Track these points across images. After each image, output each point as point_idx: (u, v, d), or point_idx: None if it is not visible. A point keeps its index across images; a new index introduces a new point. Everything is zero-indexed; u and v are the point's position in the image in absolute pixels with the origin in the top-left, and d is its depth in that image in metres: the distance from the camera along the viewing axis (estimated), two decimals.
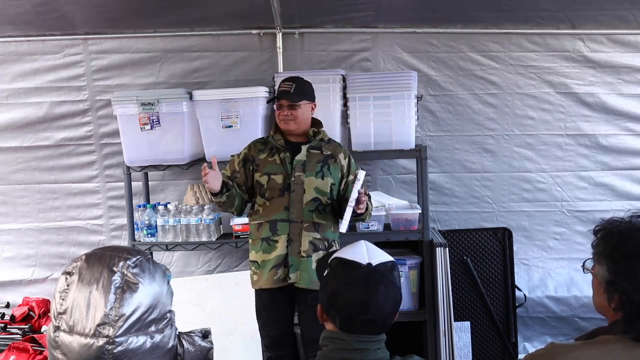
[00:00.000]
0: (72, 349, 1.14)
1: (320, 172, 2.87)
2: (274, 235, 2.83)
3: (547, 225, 4.01)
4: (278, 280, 2.81)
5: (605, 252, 1.38)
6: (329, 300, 1.50)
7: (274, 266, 2.81)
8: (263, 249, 2.84)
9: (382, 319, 1.46)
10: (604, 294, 1.39)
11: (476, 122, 3.94)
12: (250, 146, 2.97)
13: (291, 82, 2.89)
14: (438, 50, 3.87)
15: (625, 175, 3.97)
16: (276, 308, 2.88)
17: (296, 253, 2.81)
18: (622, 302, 1.34)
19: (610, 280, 1.36)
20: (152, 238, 3.55)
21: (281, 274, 2.81)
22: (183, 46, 3.89)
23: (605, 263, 1.38)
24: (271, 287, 2.82)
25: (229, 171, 2.95)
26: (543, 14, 3.66)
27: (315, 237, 2.84)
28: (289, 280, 2.80)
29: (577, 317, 4.01)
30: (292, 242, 2.81)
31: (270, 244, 2.83)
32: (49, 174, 4.02)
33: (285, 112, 2.86)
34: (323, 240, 2.87)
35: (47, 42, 3.88)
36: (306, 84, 2.93)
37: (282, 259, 2.81)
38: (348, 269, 1.49)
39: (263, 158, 2.89)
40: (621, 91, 3.89)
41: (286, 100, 2.85)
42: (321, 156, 2.91)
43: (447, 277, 3.34)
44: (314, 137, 2.93)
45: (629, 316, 1.33)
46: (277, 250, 2.82)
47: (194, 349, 1.32)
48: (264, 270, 2.83)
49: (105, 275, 1.16)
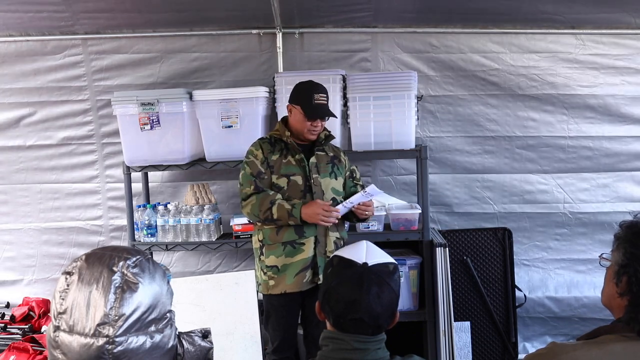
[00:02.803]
0: (72, 348, 1.14)
1: (333, 173, 2.90)
2: (300, 237, 2.79)
3: (549, 227, 4.00)
4: (307, 283, 2.81)
5: (627, 237, 1.40)
6: (323, 296, 1.51)
7: (302, 269, 2.79)
8: (286, 252, 2.80)
9: (373, 319, 1.45)
10: (613, 280, 1.39)
11: (477, 124, 3.93)
12: (259, 146, 2.88)
13: (324, 93, 2.84)
14: (438, 50, 3.87)
15: (628, 177, 3.96)
16: (288, 311, 2.88)
17: (322, 254, 2.82)
18: (630, 284, 1.35)
19: (623, 263, 1.37)
20: (152, 238, 3.55)
21: (309, 276, 2.81)
22: (183, 46, 3.89)
23: (624, 247, 1.39)
24: (299, 290, 2.80)
25: (249, 172, 2.84)
26: (543, 15, 3.66)
27: (336, 236, 2.89)
28: (318, 282, 2.79)
29: (577, 318, 4.00)
30: (319, 243, 2.81)
31: (295, 247, 2.80)
32: (50, 174, 4.03)
33: (319, 124, 2.84)
34: (341, 239, 2.92)
35: (46, 42, 3.89)
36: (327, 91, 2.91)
37: (309, 262, 2.80)
38: (343, 267, 1.50)
39: (276, 159, 2.84)
40: (624, 93, 3.88)
41: (324, 118, 2.85)
42: (328, 157, 2.93)
43: (447, 277, 3.34)
44: (325, 140, 2.94)
45: (635, 299, 1.34)
46: (303, 253, 2.79)
47: (193, 348, 1.31)
48: (287, 275, 2.80)
49: (105, 275, 1.16)
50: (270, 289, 2.84)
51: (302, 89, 2.86)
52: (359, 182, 3.04)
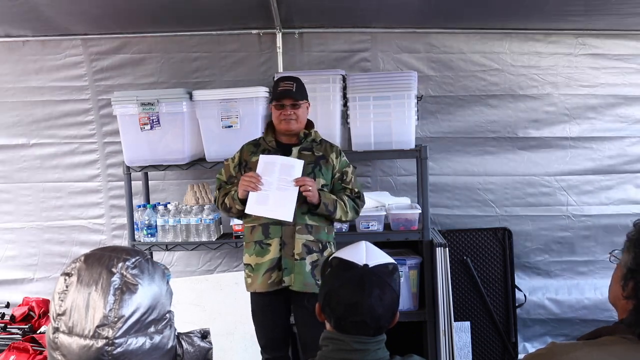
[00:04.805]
0: (71, 350, 1.14)
1: (312, 174, 2.82)
2: (266, 238, 2.79)
3: (551, 229, 3.98)
4: (273, 284, 2.78)
5: (637, 240, 1.38)
6: (324, 299, 1.50)
7: (268, 269, 2.78)
8: (256, 252, 2.81)
9: (375, 321, 1.45)
10: (620, 282, 1.39)
11: (477, 124, 3.92)
12: (242, 149, 2.95)
13: (291, 81, 2.87)
14: (438, 50, 3.87)
15: (631, 179, 3.95)
16: (272, 311, 2.86)
17: (289, 256, 2.78)
18: (636, 290, 1.34)
19: (632, 268, 1.36)
20: (152, 238, 3.55)
21: (275, 277, 2.78)
22: (183, 46, 3.89)
23: (634, 250, 1.38)
24: (266, 290, 2.80)
25: (224, 176, 2.95)
26: (544, 16, 3.65)
27: (308, 239, 2.81)
28: (283, 284, 2.78)
29: (578, 320, 3.99)
30: (285, 245, 2.78)
31: (263, 247, 2.80)
32: (52, 173, 4.04)
33: (289, 111, 2.82)
34: (317, 243, 2.83)
35: (47, 42, 3.89)
36: (302, 84, 2.91)
37: (275, 262, 2.78)
38: (344, 269, 1.49)
39: (255, 161, 2.84)
40: (626, 93, 3.87)
41: (290, 99, 2.82)
42: (312, 157, 2.87)
43: (447, 277, 3.34)
44: (304, 139, 2.90)
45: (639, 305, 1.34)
46: (270, 253, 2.78)
47: (193, 349, 1.32)
48: (258, 274, 2.80)
49: (104, 277, 1.16)
50: (248, 286, 2.88)
51: (273, 84, 2.97)
52: (348, 185, 2.94)
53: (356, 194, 2.93)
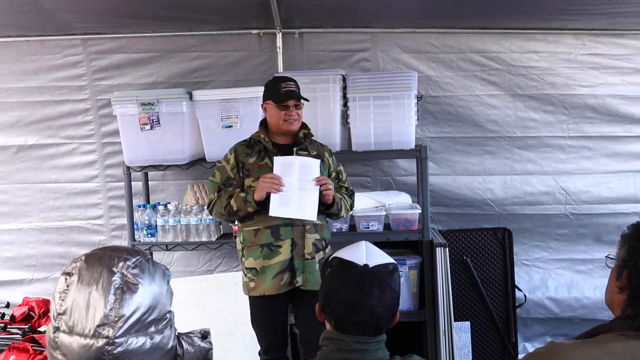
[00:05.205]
0: (71, 349, 1.14)
1: None
2: (276, 240, 2.77)
3: (550, 227, 3.99)
4: (285, 285, 2.78)
5: (632, 234, 1.39)
6: (324, 299, 1.50)
7: (279, 272, 2.77)
8: (264, 255, 2.78)
9: (375, 321, 1.45)
10: (615, 277, 1.39)
11: (477, 124, 3.93)
12: (235, 151, 2.88)
13: (292, 81, 2.86)
14: (438, 50, 3.87)
15: (629, 178, 3.95)
16: (273, 313, 2.86)
17: (301, 256, 2.79)
18: (630, 277, 1.35)
19: (625, 258, 1.37)
20: (152, 238, 3.55)
21: (287, 278, 2.78)
22: (183, 46, 3.89)
23: (627, 242, 1.39)
24: (276, 292, 2.78)
25: (218, 178, 2.88)
26: (544, 16, 3.65)
27: (316, 238, 2.83)
28: (296, 284, 2.78)
29: (577, 319, 3.99)
30: (296, 245, 2.78)
31: (272, 249, 2.77)
32: (51, 173, 4.03)
33: (293, 112, 2.81)
34: (322, 241, 2.87)
35: (46, 42, 3.89)
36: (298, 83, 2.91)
37: (287, 264, 2.77)
38: (344, 269, 1.49)
39: (253, 162, 2.83)
40: (624, 93, 3.87)
41: (294, 100, 2.81)
42: (311, 157, 2.87)
43: (447, 277, 3.34)
44: (304, 139, 2.90)
45: (634, 293, 1.34)
46: (280, 255, 2.77)
47: (193, 349, 1.32)
48: (265, 277, 2.78)
49: (104, 276, 1.16)
50: (251, 290, 2.83)
51: (269, 84, 2.92)
52: (344, 184, 3.00)
53: (351, 191, 3.02)
